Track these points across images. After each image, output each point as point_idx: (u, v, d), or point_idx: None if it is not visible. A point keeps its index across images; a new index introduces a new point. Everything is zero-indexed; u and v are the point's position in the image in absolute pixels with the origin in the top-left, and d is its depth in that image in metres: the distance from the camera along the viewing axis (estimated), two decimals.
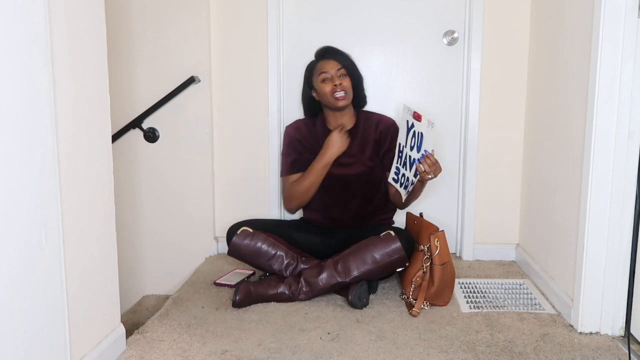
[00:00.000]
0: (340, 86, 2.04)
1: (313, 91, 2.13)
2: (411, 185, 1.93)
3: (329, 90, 2.05)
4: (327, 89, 2.05)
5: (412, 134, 1.90)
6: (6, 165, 1.08)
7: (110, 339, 1.53)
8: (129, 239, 2.47)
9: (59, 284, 1.27)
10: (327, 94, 2.06)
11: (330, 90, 2.05)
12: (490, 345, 1.60)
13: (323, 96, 2.08)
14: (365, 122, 2.17)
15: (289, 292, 1.91)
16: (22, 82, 1.13)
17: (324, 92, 2.07)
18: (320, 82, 2.07)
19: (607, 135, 1.59)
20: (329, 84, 2.05)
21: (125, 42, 2.38)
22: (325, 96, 2.07)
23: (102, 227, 1.50)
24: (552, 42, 2.04)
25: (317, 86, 2.09)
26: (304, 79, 2.16)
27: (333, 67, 2.07)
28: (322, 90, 2.07)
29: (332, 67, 2.07)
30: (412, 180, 1.91)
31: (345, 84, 2.07)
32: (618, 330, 1.67)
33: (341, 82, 2.05)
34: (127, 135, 2.41)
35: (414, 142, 1.88)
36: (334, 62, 2.08)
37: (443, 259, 1.86)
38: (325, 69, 2.06)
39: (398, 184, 2.01)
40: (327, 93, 2.06)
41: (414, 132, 1.89)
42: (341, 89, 2.04)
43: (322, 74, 2.06)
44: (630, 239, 1.62)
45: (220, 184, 2.52)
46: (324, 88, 2.06)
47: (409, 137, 1.92)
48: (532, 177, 2.26)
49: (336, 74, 2.06)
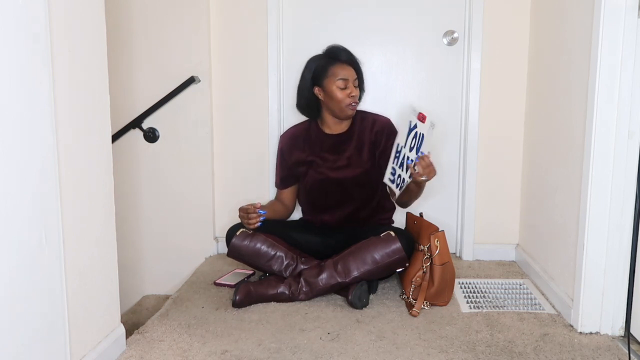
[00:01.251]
0: (355, 98, 2.03)
1: (317, 88, 2.08)
2: (404, 185, 1.91)
3: (343, 97, 2.01)
4: (342, 96, 2.01)
5: (414, 135, 1.89)
6: (6, 165, 1.08)
7: (110, 339, 1.53)
8: (129, 239, 2.47)
9: (59, 284, 1.27)
10: (340, 102, 2.02)
11: (345, 99, 2.01)
12: (490, 345, 1.60)
13: (335, 102, 2.03)
14: (360, 123, 2.14)
15: (288, 292, 1.91)
16: (22, 82, 1.13)
17: (337, 98, 2.02)
18: (337, 87, 2.01)
19: (607, 135, 1.59)
20: (346, 92, 2.01)
21: (125, 42, 2.38)
22: (337, 102, 2.03)
23: (102, 227, 1.50)
24: (552, 42, 2.04)
25: (330, 89, 2.03)
26: (308, 74, 2.09)
27: (352, 76, 2.03)
28: (336, 96, 2.02)
29: (351, 75, 2.03)
30: (407, 180, 1.89)
31: (358, 94, 2.06)
32: (618, 330, 1.67)
33: (356, 94, 2.04)
34: (127, 135, 2.41)
35: (414, 143, 1.88)
36: (352, 70, 2.05)
37: (443, 259, 1.86)
38: (345, 76, 2.02)
39: (394, 185, 1.98)
40: (341, 100, 2.02)
41: (415, 133, 1.88)
42: (355, 101, 2.03)
43: (340, 80, 2.01)
44: (630, 239, 1.62)
45: (220, 184, 2.52)
46: (339, 94, 2.02)
47: (410, 138, 1.91)
48: (532, 177, 2.26)
49: (353, 83, 2.04)
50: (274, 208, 2.19)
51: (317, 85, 2.08)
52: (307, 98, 2.12)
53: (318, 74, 2.06)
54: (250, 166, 2.49)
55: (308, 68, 2.10)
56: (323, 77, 2.05)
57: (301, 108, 2.17)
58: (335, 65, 2.04)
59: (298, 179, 2.18)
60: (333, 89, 2.02)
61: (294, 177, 2.18)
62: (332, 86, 2.03)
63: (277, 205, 2.22)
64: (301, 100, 2.15)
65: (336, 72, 2.02)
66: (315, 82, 2.08)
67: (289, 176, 2.19)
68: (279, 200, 2.25)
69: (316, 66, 2.07)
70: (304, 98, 2.13)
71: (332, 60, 2.06)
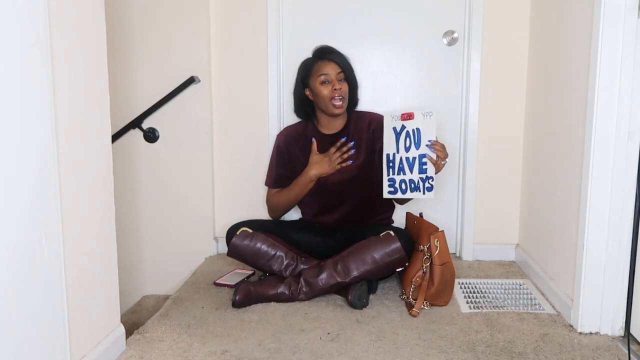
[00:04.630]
0: (339, 91, 2.02)
1: (307, 90, 2.10)
2: (427, 181, 1.89)
3: (327, 93, 2.02)
4: (326, 92, 2.02)
5: (405, 135, 1.89)
6: (6, 165, 1.08)
7: (110, 339, 1.53)
8: (129, 239, 2.47)
9: (58, 284, 1.27)
10: (325, 98, 2.03)
11: (329, 94, 2.02)
12: (490, 345, 1.60)
13: (320, 99, 2.05)
14: (356, 123, 2.13)
15: (288, 292, 1.91)
16: (22, 82, 1.13)
17: (321, 95, 2.03)
18: (319, 83, 2.03)
19: (607, 135, 1.59)
20: (328, 87, 2.02)
21: (125, 42, 2.38)
22: (322, 99, 2.04)
23: (101, 227, 1.50)
24: (552, 42, 2.04)
25: (314, 87, 2.05)
26: (299, 76, 2.12)
27: (334, 70, 2.04)
28: (320, 93, 2.03)
29: (332, 69, 2.04)
30: (418, 178, 1.88)
31: (344, 89, 2.05)
32: (618, 330, 1.67)
33: (340, 87, 2.03)
34: (127, 135, 2.41)
35: (410, 142, 1.88)
36: (335, 65, 2.05)
37: (443, 259, 1.86)
38: (326, 71, 2.03)
39: (399, 193, 1.94)
40: (326, 97, 2.03)
41: (406, 133, 1.88)
42: (340, 94, 2.02)
43: (321, 76, 2.02)
44: (630, 239, 1.62)
45: (220, 184, 2.52)
46: (322, 90, 2.03)
47: (401, 141, 1.91)
48: (532, 177, 2.26)
49: (336, 77, 2.04)
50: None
51: (306, 87, 2.10)
52: (301, 101, 2.14)
53: (305, 75, 2.09)
54: (250, 166, 2.49)
55: (298, 71, 2.14)
56: (309, 77, 2.08)
57: (297, 112, 2.19)
58: (317, 63, 2.06)
59: (291, 180, 2.15)
60: (317, 86, 2.04)
61: (288, 178, 2.16)
62: (316, 83, 2.04)
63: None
64: (296, 104, 2.17)
65: (318, 69, 2.04)
66: (304, 84, 2.10)
67: (283, 177, 2.17)
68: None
69: (303, 67, 2.11)
70: (298, 101, 2.16)
71: (315, 59, 2.09)
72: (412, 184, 1.91)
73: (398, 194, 1.95)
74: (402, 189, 1.94)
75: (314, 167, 2.07)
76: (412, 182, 1.91)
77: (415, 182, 1.90)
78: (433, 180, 1.89)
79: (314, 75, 2.05)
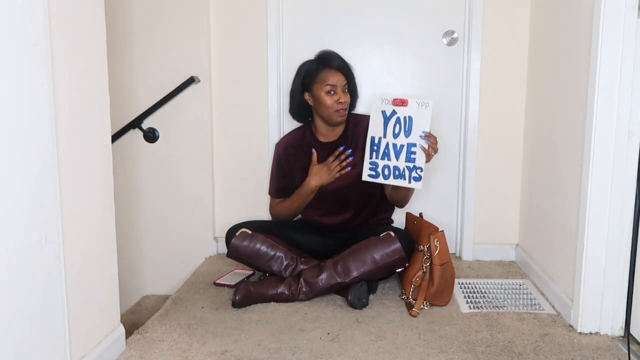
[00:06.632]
0: (344, 104, 2.01)
1: (307, 94, 2.07)
2: (415, 171, 1.89)
3: (331, 103, 2.00)
4: (330, 102, 2.00)
5: (395, 121, 1.88)
6: (6, 165, 1.08)
7: (110, 339, 1.53)
8: (129, 239, 2.47)
9: (58, 284, 1.27)
10: (328, 107, 2.01)
11: (333, 105, 2.00)
12: (490, 345, 1.60)
13: (323, 107, 2.02)
14: (354, 127, 2.12)
15: (288, 293, 1.91)
16: (22, 82, 1.13)
17: (325, 104, 2.01)
18: (325, 93, 2.00)
19: (607, 135, 1.59)
20: (333, 98, 2.00)
21: (125, 42, 2.38)
22: (326, 108, 2.01)
23: (101, 227, 1.50)
24: (552, 42, 2.04)
25: (318, 95, 2.02)
26: (299, 79, 2.08)
27: (341, 81, 2.01)
28: (324, 102, 2.01)
29: (339, 80, 2.01)
30: (404, 166, 1.88)
31: (347, 100, 2.04)
32: (618, 330, 1.67)
33: (345, 100, 2.02)
34: (127, 135, 2.41)
35: (400, 128, 1.87)
36: (341, 76, 2.02)
37: (443, 259, 1.86)
38: (333, 82, 2.00)
39: (381, 177, 1.94)
40: (330, 107, 2.00)
41: (397, 118, 1.87)
42: (344, 107, 2.02)
43: (327, 86, 1.99)
44: (630, 239, 1.62)
45: (220, 184, 2.52)
46: (327, 100, 2.00)
47: (389, 126, 1.90)
48: (532, 177, 2.26)
49: (342, 88, 2.02)
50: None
51: (307, 91, 2.07)
52: (298, 104, 2.11)
53: (308, 79, 2.05)
54: (250, 166, 2.49)
55: (298, 73, 2.10)
56: (312, 83, 2.04)
57: (293, 113, 2.17)
58: (324, 71, 2.03)
59: (292, 189, 2.15)
60: (321, 95, 2.01)
61: (289, 188, 2.16)
62: (320, 92, 2.01)
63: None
64: (293, 105, 2.15)
65: (325, 78, 2.01)
66: (305, 87, 2.07)
67: (284, 187, 2.17)
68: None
69: (306, 72, 2.07)
70: (295, 103, 2.13)
71: (322, 66, 2.04)
72: (397, 170, 1.91)
73: (379, 179, 1.95)
74: (384, 174, 1.94)
75: (313, 178, 2.06)
76: (397, 169, 1.91)
77: (400, 170, 1.90)
78: (422, 171, 1.89)
79: (318, 83, 2.02)
